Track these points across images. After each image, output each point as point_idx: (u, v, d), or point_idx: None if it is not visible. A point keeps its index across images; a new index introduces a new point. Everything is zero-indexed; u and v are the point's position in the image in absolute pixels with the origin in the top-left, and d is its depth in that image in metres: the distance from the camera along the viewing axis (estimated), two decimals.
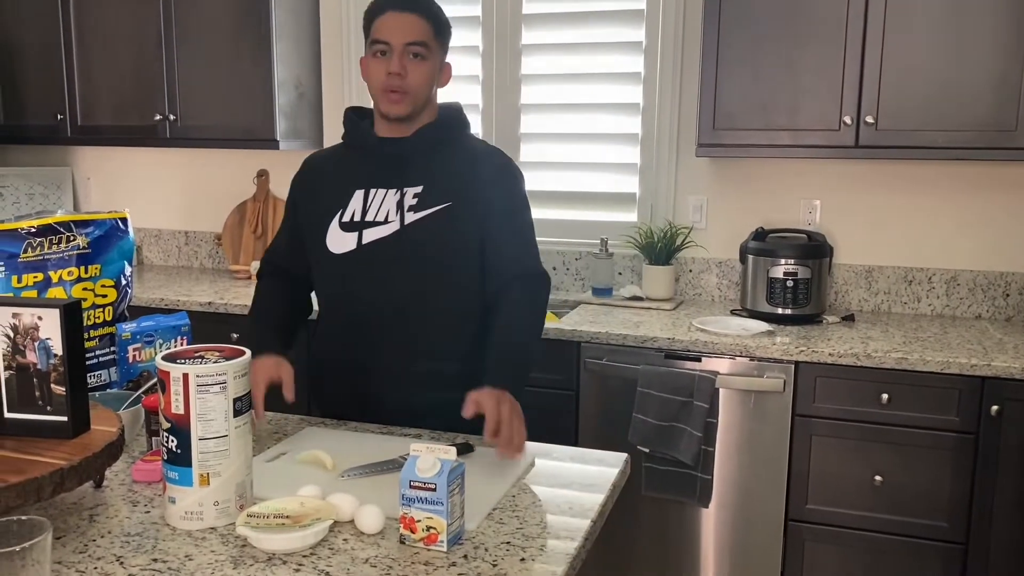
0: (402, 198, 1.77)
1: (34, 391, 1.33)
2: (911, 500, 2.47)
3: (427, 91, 1.79)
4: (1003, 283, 2.92)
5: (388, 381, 1.80)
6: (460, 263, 1.80)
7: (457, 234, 1.78)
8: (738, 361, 2.56)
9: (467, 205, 1.78)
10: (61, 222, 1.74)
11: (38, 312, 1.32)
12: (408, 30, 1.74)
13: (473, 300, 1.83)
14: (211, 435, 1.24)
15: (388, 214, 1.77)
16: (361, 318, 1.81)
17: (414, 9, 1.76)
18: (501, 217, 1.82)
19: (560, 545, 1.24)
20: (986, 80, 2.56)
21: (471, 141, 1.90)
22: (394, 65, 1.74)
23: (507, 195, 1.84)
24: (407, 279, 1.77)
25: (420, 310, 1.78)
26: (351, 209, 1.80)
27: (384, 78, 1.75)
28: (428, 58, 1.76)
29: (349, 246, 1.79)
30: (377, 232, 1.77)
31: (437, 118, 1.85)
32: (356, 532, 1.26)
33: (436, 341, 1.80)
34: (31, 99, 3.59)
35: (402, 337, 1.79)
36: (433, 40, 1.77)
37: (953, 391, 2.40)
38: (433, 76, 1.80)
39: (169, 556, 1.18)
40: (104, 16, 3.42)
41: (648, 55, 3.15)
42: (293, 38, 3.35)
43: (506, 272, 1.81)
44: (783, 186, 3.09)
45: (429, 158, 1.81)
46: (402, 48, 1.74)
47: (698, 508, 2.64)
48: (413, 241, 1.76)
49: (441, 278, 1.79)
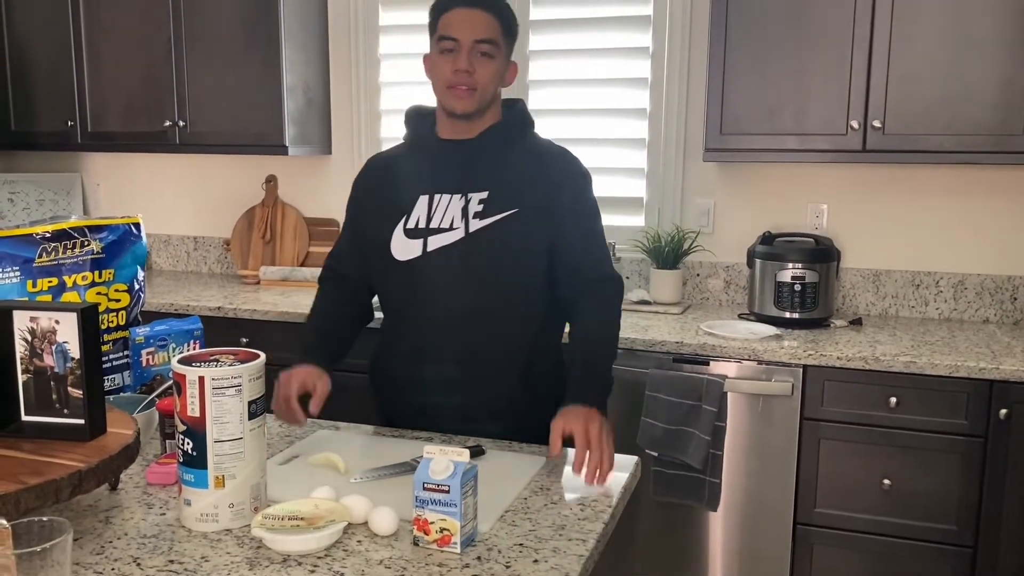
0: (467, 204, 1.74)
1: (51, 394, 1.34)
2: (920, 504, 2.47)
3: (493, 89, 1.76)
4: (1011, 287, 2.92)
5: (447, 388, 1.79)
6: (525, 271, 1.77)
7: (523, 242, 1.75)
8: (746, 365, 2.56)
9: (534, 211, 1.75)
10: (75, 227, 1.76)
11: (56, 316, 1.33)
12: (477, 27, 1.71)
13: (536, 307, 1.80)
14: (226, 437, 1.25)
15: (453, 220, 1.74)
16: (424, 325, 1.79)
17: (484, 6, 1.73)
18: (570, 221, 1.78)
19: (573, 547, 1.25)
20: (992, 84, 2.56)
21: (536, 141, 1.86)
22: (462, 62, 1.70)
23: (575, 198, 1.80)
24: (471, 287, 1.75)
25: (483, 317, 1.76)
26: (416, 215, 1.77)
27: (451, 75, 1.72)
28: (496, 56, 1.73)
29: (414, 253, 1.76)
30: (442, 239, 1.74)
31: (501, 119, 1.82)
32: (370, 534, 1.27)
33: (497, 349, 1.77)
34: (41, 105, 3.61)
35: (463, 345, 1.77)
36: (502, 38, 1.74)
37: (962, 395, 2.40)
38: (500, 74, 1.76)
39: (185, 557, 1.19)
40: (114, 22, 3.44)
41: (655, 60, 3.17)
42: (301, 44, 3.37)
43: (578, 278, 1.78)
44: (790, 190, 3.10)
45: (494, 161, 1.78)
46: (471, 45, 1.70)
47: (707, 512, 2.64)
48: (478, 249, 1.73)
49: (505, 286, 1.76)
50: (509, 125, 1.82)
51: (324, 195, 3.65)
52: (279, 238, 3.66)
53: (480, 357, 1.77)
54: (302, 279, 3.46)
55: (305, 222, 3.65)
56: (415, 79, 3.45)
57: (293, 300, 3.18)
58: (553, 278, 1.80)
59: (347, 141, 3.58)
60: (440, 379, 1.79)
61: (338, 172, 3.61)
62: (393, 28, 3.47)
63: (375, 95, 3.51)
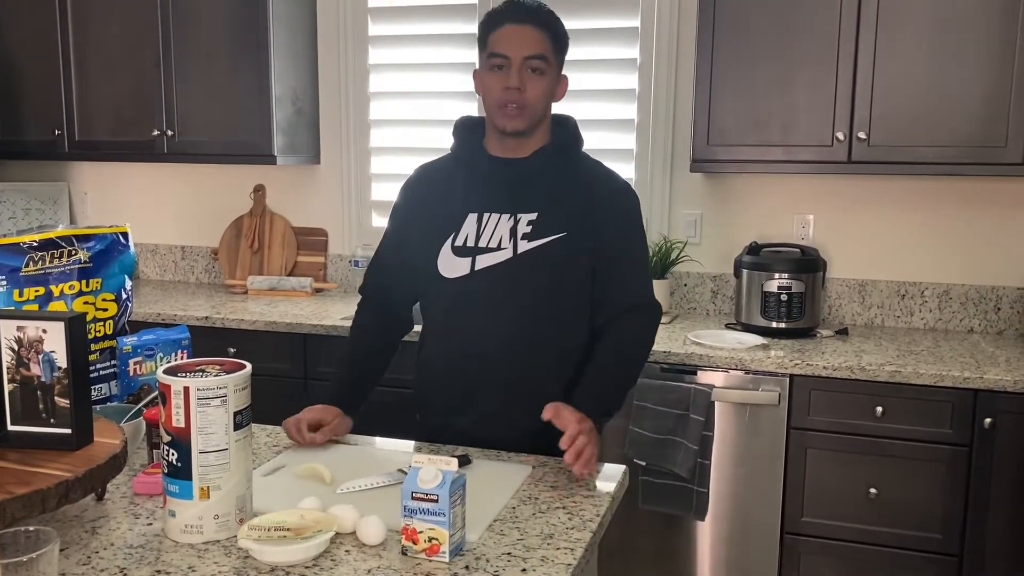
0: (516, 225, 1.74)
1: (38, 403, 1.34)
2: (906, 512, 2.49)
3: (544, 105, 1.75)
4: (995, 297, 2.95)
5: (487, 411, 1.78)
6: (571, 296, 1.77)
7: (570, 266, 1.74)
8: (733, 374, 2.57)
9: (582, 235, 1.74)
10: (63, 236, 1.75)
11: (43, 325, 1.33)
12: (528, 43, 1.70)
13: (580, 332, 1.80)
14: (211, 448, 1.25)
15: (501, 240, 1.74)
16: (467, 344, 1.79)
17: (534, 22, 1.71)
18: (616, 248, 1.78)
19: (561, 556, 1.25)
20: (976, 96, 2.59)
21: (588, 164, 1.85)
22: (513, 80, 1.69)
23: (623, 224, 1.80)
24: (516, 307, 1.74)
25: (527, 339, 1.76)
26: (464, 233, 1.76)
27: (501, 93, 1.71)
28: (547, 72, 1.72)
29: (462, 271, 1.76)
30: (490, 259, 1.74)
31: (552, 139, 1.81)
32: (358, 544, 1.27)
33: (540, 369, 1.77)
34: (29, 114, 3.60)
35: (506, 366, 1.76)
36: (552, 54, 1.73)
37: (946, 404, 2.42)
38: (551, 91, 1.75)
39: (172, 568, 1.19)
40: (103, 32, 3.44)
41: (643, 72, 3.19)
42: (290, 54, 3.38)
43: (616, 305, 1.78)
44: (777, 201, 3.12)
45: (545, 183, 1.77)
46: (521, 62, 1.69)
47: (694, 521, 2.65)
48: (524, 271, 1.73)
49: (550, 309, 1.76)
50: (561, 146, 1.81)
51: (313, 205, 3.65)
52: (267, 248, 3.65)
53: (522, 377, 1.77)
54: (290, 289, 3.46)
55: (293, 231, 3.65)
56: (404, 89, 3.46)
57: (281, 310, 3.17)
58: (594, 301, 1.79)
59: (336, 151, 3.58)
60: (480, 399, 1.79)
61: (327, 182, 3.61)
62: (382, 39, 3.48)
63: (364, 105, 3.52)
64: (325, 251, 3.64)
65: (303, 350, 3.00)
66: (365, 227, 3.58)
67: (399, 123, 3.50)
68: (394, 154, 3.52)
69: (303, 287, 3.45)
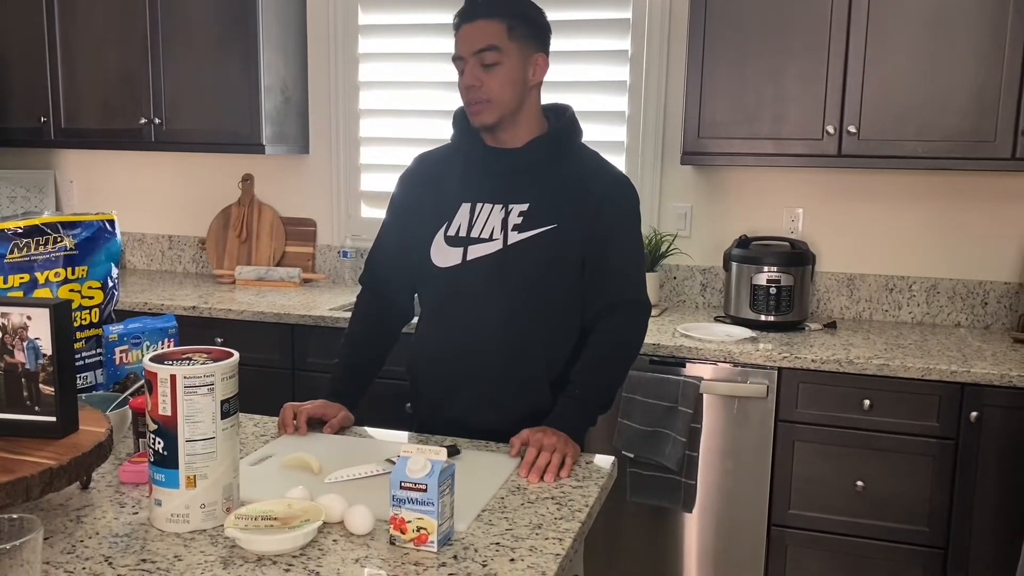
0: (507, 216, 1.74)
1: (22, 391, 1.32)
2: (892, 505, 2.50)
3: (512, 94, 1.73)
4: (982, 292, 2.96)
5: (478, 397, 1.78)
6: (560, 288, 1.76)
7: (560, 258, 1.74)
8: (722, 367, 2.58)
9: (573, 228, 1.73)
10: (48, 223, 1.73)
11: (27, 312, 1.31)
12: (474, 39, 1.70)
13: (570, 322, 1.80)
14: (198, 437, 1.24)
15: (493, 231, 1.74)
16: (456, 334, 1.78)
17: (483, 15, 1.71)
18: (607, 242, 1.76)
19: (549, 546, 1.25)
20: (965, 91, 2.60)
21: (583, 154, 1.83)
22: (467, 77, 1.71)
23: (616, 218, 1.78)
24: (505, 299, 1.74)
25: (516, 330, 1.75)
26: (457, 223, 1.77)
27: (464, 93, 1.73)
28: (503, 61, 1.70)
29: (454, 261, 1.76)
30: (481, 249, 1.74)
31: (549, 130, 1.80)
32: (345, 533, 1.26)
33: (529, 360, 1.77)
34: (14, 101, 3.56)
35: (496, 354, 1.76)
36: (506, 40, 1.70)
37: (933, 397, 2.43)
38: (515, 77, 1.72)
39: (158, 557, 1.18)
40: (90, 18, 3.40)
41: (634, 64, 3.18)
42: (280, 43, 3.35)
43: (605, 300, 1.77)
44: (767, 194, 3.12)
45: (538, 174, 1.76)
46: (472, 58, 1.70)
47: (682, 513, 2.65)
48: (514, 262, 1.72)
49: (539, 301, 1.75)
50: (557, 136, 1.80)
51: (301, 195, 3.63)
52: (255, 237, 3.63)
53: (512, 367, 1.76)
54: (278, 279, 3.44)
55: (282, 221, 3.63)
56: (394, 79, 3.44)
57: (269, 300, 3.16)
58: (584, 294, 1.79)
59: (325, 141, 3.56)
60: (471, 387, 1.78)
61: (315, 172, 3.59)
62: (372, 28, 3.46)
63: (354, 95, 3.50)
64: (314, 241, 3.62)
65: (291, 340, 2.98)
66: (354, 217, 3.56)
67: (388, 113, 3.48)
68: (383, 144, 3.50)
69: (291, 277, 3.43)
